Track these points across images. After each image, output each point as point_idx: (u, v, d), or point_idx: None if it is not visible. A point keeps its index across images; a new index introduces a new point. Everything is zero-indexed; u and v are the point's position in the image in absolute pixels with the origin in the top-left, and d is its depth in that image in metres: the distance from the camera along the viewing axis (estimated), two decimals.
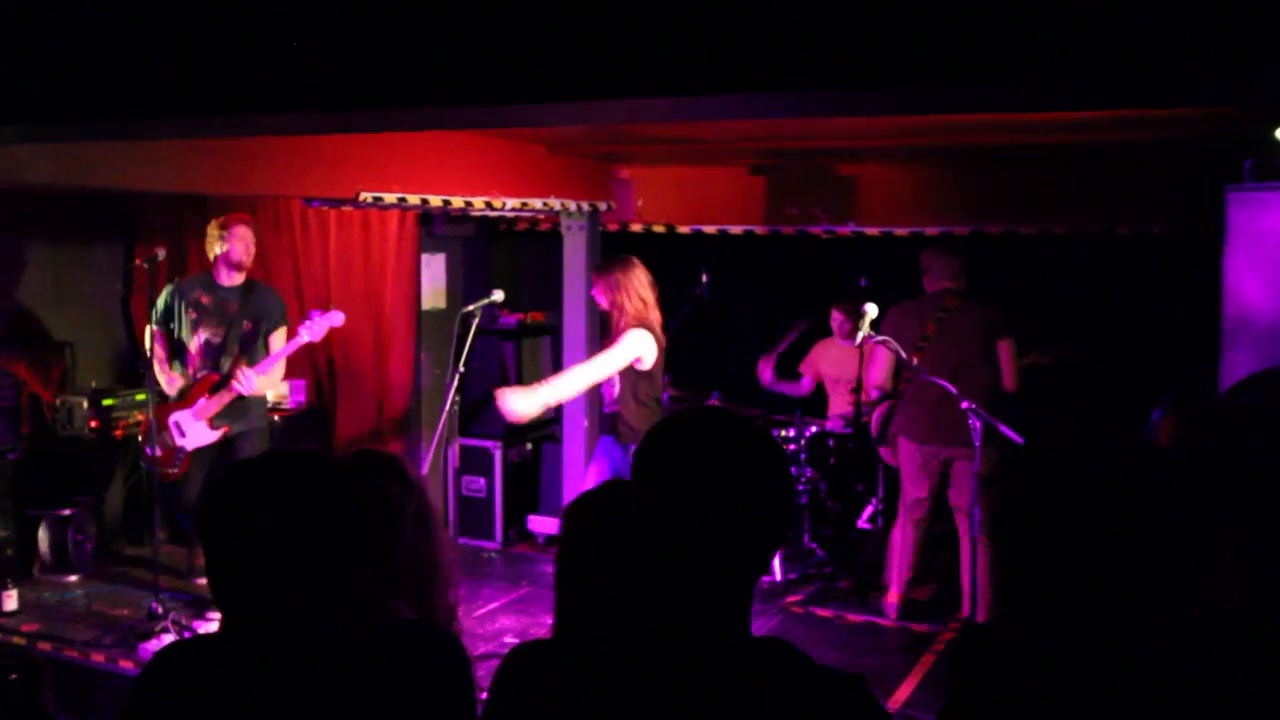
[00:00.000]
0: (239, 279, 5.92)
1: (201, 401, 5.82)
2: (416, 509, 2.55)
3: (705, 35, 2.18)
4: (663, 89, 2.23)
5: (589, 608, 1.79)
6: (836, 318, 6.97)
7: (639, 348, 5.24)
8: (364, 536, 1.76)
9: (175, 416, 5.85)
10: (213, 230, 5.89)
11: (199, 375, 5.88)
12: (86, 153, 4.33)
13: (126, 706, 1.77)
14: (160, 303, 5.89)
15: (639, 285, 5.32)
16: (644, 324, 5.27)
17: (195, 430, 5.86)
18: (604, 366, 5.25)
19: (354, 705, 1.71)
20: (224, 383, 5.80)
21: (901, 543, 5.90)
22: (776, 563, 6.39)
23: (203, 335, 5.88)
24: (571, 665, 1.61)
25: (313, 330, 5.79)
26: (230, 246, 5.81)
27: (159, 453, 5.79)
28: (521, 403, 5.07)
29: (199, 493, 5.81)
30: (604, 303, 5.39)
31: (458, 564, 2.74)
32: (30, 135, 3.38)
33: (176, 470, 5.88)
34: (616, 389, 5.38)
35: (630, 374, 5.28)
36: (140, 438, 6.01)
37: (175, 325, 5.90)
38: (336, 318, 5.88)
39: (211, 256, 5.90)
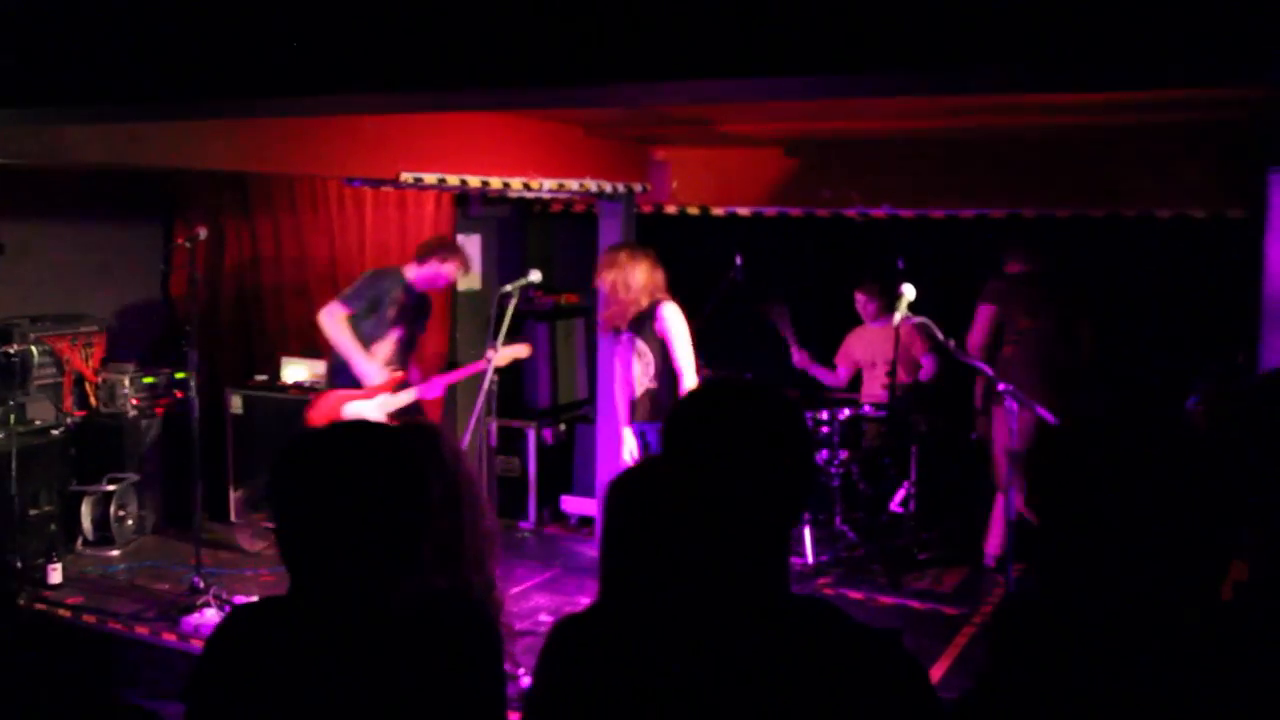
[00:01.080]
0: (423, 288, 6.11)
1: (384, 396, 5.91)
2: (456, 480, 2.60)
3: (757, 18, 2.20)
4: (710, 70, 2.24)
5: (634, 574, 1.83)
6: (860, 299, 6.95)
7: (682, 318, 5.31)
8: (416, 505, 1.81)
9: (355, 406, 5.82)
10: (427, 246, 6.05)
11: (390, 370, 5.99)
12: (131, 132, 4.38)
13: (204, 662, 1.85)
14: (375, 291, 5.92)
15: (647, 267, 5.40)
16: (668, 296, 5.34)
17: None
18: (688, 353, 5.35)
19: (389, 667, 1.76)
20: (407, 385, 5.98)
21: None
22: (808, 545, 6.40)
23: (398, 332, 6.01)
24: (620, 631, 1.65)
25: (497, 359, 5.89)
26: (447, 274, 6.01)
27: None
28: None
29: None
30: (606, 283, 5.46)
31: (498, 538, 2.79)
32: (88, 116, 3.44)
33: None
34: (645, 369, 5.40)
35: (663, 350, 5.30)
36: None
37: (376, 316, 5.95)
38: (521, 350, 6.15)
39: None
